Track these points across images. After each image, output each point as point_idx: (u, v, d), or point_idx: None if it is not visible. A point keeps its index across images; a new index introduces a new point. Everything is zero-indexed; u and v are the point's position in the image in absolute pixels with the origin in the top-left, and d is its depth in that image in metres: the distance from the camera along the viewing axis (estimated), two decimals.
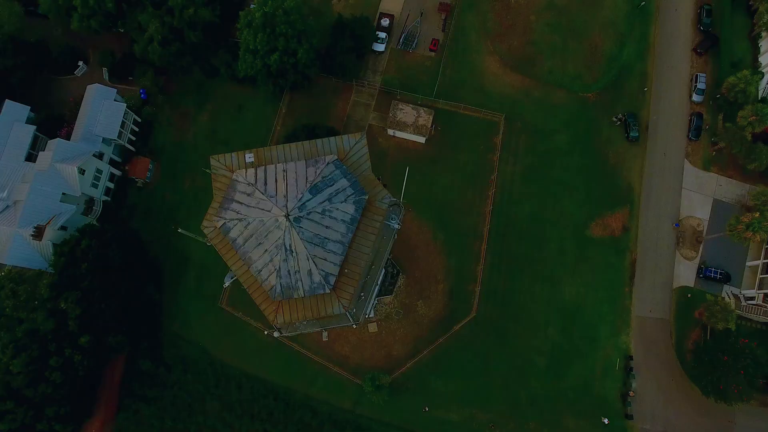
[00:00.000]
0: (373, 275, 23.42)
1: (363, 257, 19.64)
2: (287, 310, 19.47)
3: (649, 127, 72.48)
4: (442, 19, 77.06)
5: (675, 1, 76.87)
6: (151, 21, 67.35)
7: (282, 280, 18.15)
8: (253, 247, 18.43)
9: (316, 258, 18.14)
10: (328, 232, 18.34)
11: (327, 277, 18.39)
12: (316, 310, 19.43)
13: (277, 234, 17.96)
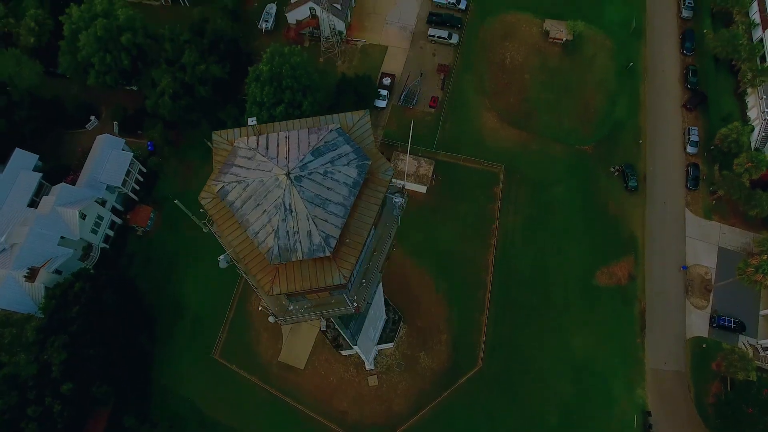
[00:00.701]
0: (375, 262, 22.44)
1: (365, 227, 18.89)
2: (284, 280, 18.37)
3: (647, 177, 73.48)
4: (440, 78, 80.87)
5: (662, 62, 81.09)
6: (163, 76, 70.68)
7: (280, 242, 17.28)
8: (251, 208, 17.78)
9: (317, 219, 17.41)
10: (330, 193, 17.78)
11: (327, 239, 17.53)
12: (315, 279, 18.32)
13: (276, 193, 17.40)
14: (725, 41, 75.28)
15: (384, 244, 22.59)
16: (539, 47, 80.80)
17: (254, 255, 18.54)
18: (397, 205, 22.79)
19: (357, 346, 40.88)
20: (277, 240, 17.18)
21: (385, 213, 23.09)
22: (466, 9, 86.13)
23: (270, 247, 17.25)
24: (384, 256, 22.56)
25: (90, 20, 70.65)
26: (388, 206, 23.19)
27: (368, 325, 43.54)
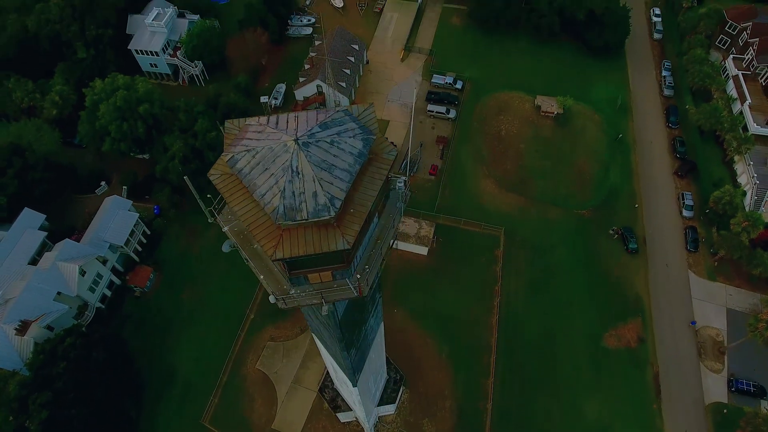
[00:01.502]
0: (378, 249, 22.36)
1: (369, 199, 19.17)
2: (287, 245, 18.27)
3: (646, 240, 73.95)
4: (439, 149, 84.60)
5: (649, 134, 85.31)
6: (175, 142, 74.15)
7: (286, 201, 17.51)
8: (259, 173, 18.22)
9: (323, 181, 17.80)
10: (336, 160, 18.34)
11: (332, 200, 17.77)
12: (318, 244, 18.24)
13: (284, 158, 17.96)
14: (707, 114, 79.86)
15: (387, 234, 22.69)
16: (532, 120, 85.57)
17: (260, 223, 18.70)
18: (399, 191, 23.25)
19: (356, 389, 38.54)
20: (283, 200, 17.48)
21: (388, 205, 23.47)
22: (462, 88, 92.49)
23: (276, 206, 17.50)
24: (387, 245, 22.57)
25: (111, 92, 75.71)
26: (392, 199, 23.64)
27: (368, 370, 41.53)
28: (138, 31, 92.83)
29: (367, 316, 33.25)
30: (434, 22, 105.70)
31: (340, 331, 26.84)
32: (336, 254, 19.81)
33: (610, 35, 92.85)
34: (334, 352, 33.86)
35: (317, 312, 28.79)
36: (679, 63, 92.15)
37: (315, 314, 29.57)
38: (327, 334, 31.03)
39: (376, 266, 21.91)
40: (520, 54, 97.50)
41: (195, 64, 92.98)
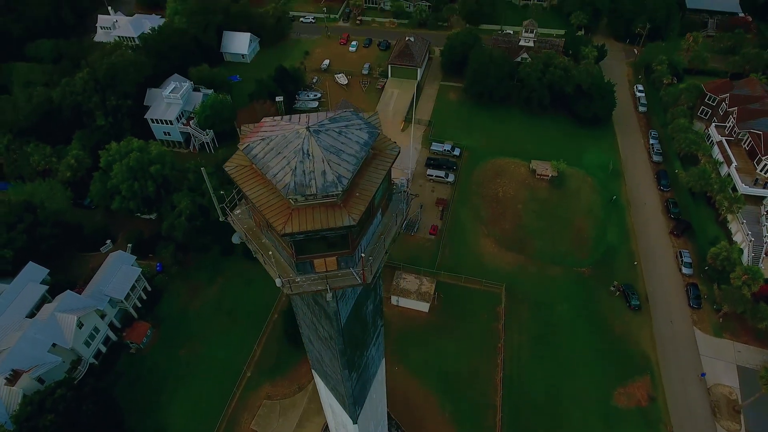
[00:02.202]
0: (381, 243, 23.23)
1: (374, 185, 20.30)
2: (296, 221, 19.22)
3: (648, 297, 73.69)
4: (439, 210, 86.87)
5: (643, 196, 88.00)
6: (183, 199, 76.50)
7: (296, 178, 18.70)
8: (272, 157, 19.53)
9: (331, 162, 19.12)
10: (344, 146, 19.76)
11: (340, 178, 18.98)
12: (326, 220, 19.15)
13: (296, 143, 19.41)
14: (696, 177, 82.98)
15: (390, 231, 23.69)
16: (528, 182, 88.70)
17: (271, 204, 19.84)
18: (401, 188, 24.54)
19: (356, 426, 36.91)
20: (294, 177, 18.79)
21: (391, 206, 24.71)
22: (460, 155, 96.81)
23: (287, 183, 18.78)
24: (390, 240, 23.49)
25: (125, 154, 79.50)
26: (395, 201, 24.94)
27: (369, 409, 40.05)
28: (155, 103, 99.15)
29: (368, 340, 33.07)
30: (432, 98, 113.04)
31: (342, 339, 26.79)
32: (342, 238, 20.74)
33: (597, 107, 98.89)
34: (334, 377, 33.16)
35: (318, 327, 28.95)
36: (664, 132, 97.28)
37: (317, 329, 29.64)
38: (329, 355, 30.74)
39: (379, 257, 22.67)
40: (513, 125, 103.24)
41: (206, 133, 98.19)
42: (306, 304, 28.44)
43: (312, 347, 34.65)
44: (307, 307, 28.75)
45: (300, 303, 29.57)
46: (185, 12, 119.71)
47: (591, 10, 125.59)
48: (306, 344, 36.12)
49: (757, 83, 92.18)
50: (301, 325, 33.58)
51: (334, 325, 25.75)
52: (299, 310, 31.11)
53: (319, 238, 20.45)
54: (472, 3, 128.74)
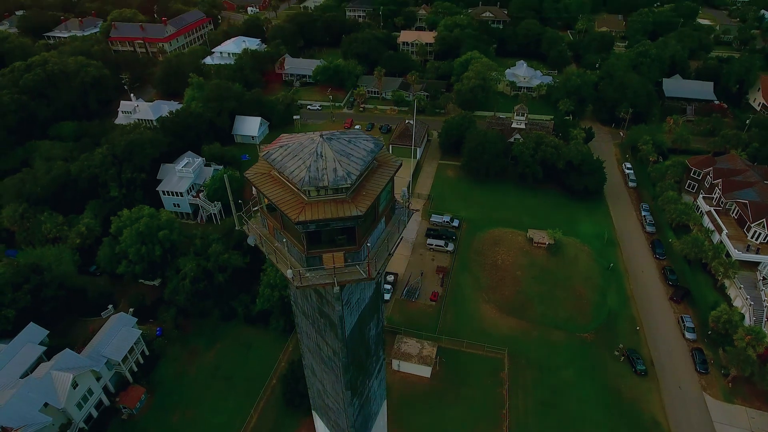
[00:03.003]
0: (385, 246, 24.96)
1: (379, 186, 21.84)
2: (309, 212, 21.10)
3: (654, 362, 72.47)
4: (440, 278, 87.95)
5: (639, 264, 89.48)
6: (188, 263, 78.07)
7: (311, 173, 20.74)
8: (290, 159, 21.61)
9: (342, 161, 21.31)
10: (352, 151, 21.93)
11: (349, 174, 21.04)
12: (335, 211, 21.07)
13: (311, 147, 21.66)
14: (690, 245, 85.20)
15: (393, 237, 25.52)
16: (526, 250, 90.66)
17: (287, 200, 21.91)
18: (404, 197, 26.68)
19: None
20: (308, 172, 21.12)
21: (394, 218, 26.78)
22: (459, 226, 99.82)
23: (302, 177, 21.10)
24: (393, 244, 25.24)
25: (136, 220, 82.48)
26: (397, 213, 27.07)
27: None
28: (167, 176, 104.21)
29: (371, 368, 33.34)
30: (431, 175, 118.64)
31: (346, 350, 27.42)
32: (349, 233, 22.65)
33: (588, 182, 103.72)
34: (336, 406, 32.87)
35: (323, 346, 29.71)
36: (655, 204, 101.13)
37: (320, 350, 30.27)
38: (331, 378, 30.98)
39: (383, 257, 24.32)
40: (509, 198, 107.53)
41: (214, 205, 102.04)
42: (311, 321, 29.50)
43: (314, 379, 34.82)
44: (312, 326, 29.75)
45: (305, 322, 30.59)
46: (202, 98, 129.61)
47: (576, 98, 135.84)
48: (308, 378, 36.28)
49: (737, 158, 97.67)
50: (305, 354, 34.15)
51: (338, 335, 26.65)
52: (304, 334, 31.99)
53: (328, 230, 22.38)
54: (466, 92, 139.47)
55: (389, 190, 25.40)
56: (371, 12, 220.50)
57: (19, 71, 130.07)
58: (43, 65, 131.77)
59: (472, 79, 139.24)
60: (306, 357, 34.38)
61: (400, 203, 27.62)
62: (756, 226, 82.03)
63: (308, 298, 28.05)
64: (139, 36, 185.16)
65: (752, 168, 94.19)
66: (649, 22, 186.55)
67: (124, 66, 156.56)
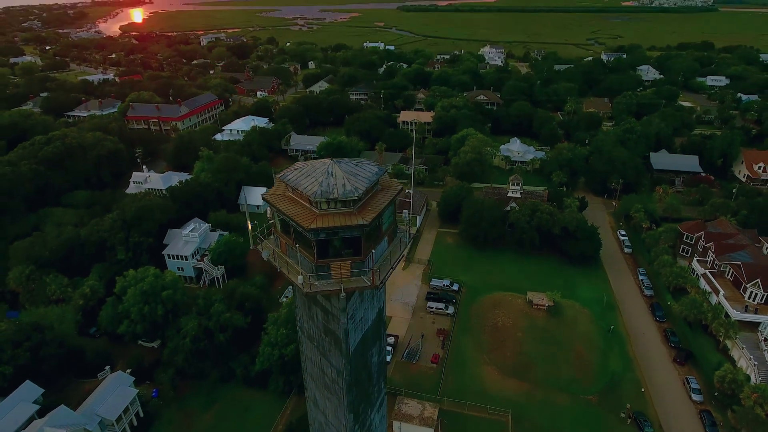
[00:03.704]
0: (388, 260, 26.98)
1: (383, 203, 23.77)
2: (320, 221, 23.35)
3: (662, 425, 70.49)
4: (440, 340, 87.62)
5: (640, 326, 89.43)
6: (190, 321, 78.47)
7: (322, 187, 23.20)
8: (303, 177, 23.83)
9: (350, 179, 23.43)
10: (359, 172, 24.00)
11: (356, 188, 23.20)
12: (343, 221, 23.33)
13: (322, 168, 23.92)
14: (688, 306, 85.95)
15: (395, 255, 27.59)
16: (526, 312, 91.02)
17: (300, 212, 24.27)
18: (406, 221, 29.03)
19: None
20: (320, 186, 23.77)
21: (396, 240, 29.07)
22: (459, 290, 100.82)
23: (315, 190, 23.70)
24: (395, 260, 27.28)
25: (141, 280, 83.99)
26: (398, 236, 29.38)
27: None
28: (173, 241, 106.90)
29: (373, 398, 33.82)
30: (431, 242, 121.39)
31: (350, 368, 28.40)
32: (355, 243, 24.89)
33: (584, 247, 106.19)
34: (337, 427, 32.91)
35: (326, 369, 30.76)
36: (651, 269, 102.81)
37: (324, 374, 31.19)
38: (333, 404, 31.50)
39: (386, 269, 26.28)
40: (507, 264, 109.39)
41: (218, 269, 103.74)
42: (316, 344, 30.81)
43: (316, 411, 35.21)
44: (316, 348, 31.02)
45: (309, 347, 31.83)
46: (211, 170, 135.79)
47: (569, 170, 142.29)
48: (310, 413, 36.61)
49: (727, 223, 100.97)
50: (307, 385, 34.92)
51: (343, 350, 27.92)
52: (308, 360, 33.06)
53: (336, 240, 24.67)
54: (463, 165, 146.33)
55: (392, 212, 28.01)
56: (373, 95, 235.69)
57: (39, 144, 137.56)
58: (62, 139, 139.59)
59: (469, 153, 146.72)
60: (308, 388, 34.95)
61: (402, 229, 30.09)
62: (751, 287, 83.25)
63: (314, 318, 29.58)
64: (154, 115, 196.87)
65: (742, 232, 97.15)
66: (633, 104, 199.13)
67: (138, 141, 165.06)
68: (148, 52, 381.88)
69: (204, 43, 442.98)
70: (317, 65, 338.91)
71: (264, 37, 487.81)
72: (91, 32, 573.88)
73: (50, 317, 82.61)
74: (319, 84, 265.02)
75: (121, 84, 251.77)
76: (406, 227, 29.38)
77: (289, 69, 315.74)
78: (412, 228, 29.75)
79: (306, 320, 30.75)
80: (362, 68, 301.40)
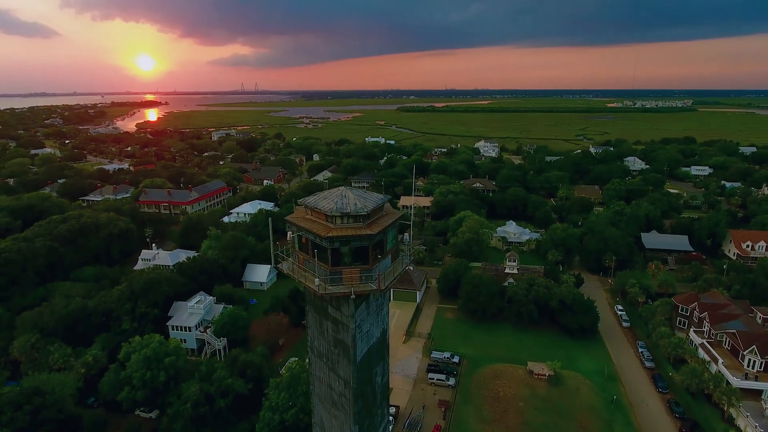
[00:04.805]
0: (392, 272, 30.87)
1: (387, 222, 28.87)
2: (335, 232, 27.64)
3: None
4: (441, 411, 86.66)
5: (643, 397, 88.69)
6: (191, 386, 78.67)
7: (337, 205, 27.66)
8: (321, 200, 28.03)
9: (360, 200, 28.14)
10: (368, 196, 27.44)
11: (366, 206, 27.23)
12: (354, 232, 27.75)
13: (337, 192, 27.35)
14: (689, 375, 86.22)
15: (397, 269, 31.49)
16: (527, 382, 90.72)
17: (318, 227, 28.87)
18: (407, 244, 33.16)
19: None
20: (335, 204, 28.53)
21: (398, 260, 33.18)
22: (460, 362, 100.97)
23: (331, 207, 28.42)
24: (398, 274, 31.14)
25: (145, 346, 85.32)
26: (400, 257, 33.50)
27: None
28: (178, 312, 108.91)
29: (377, 418, 35.66)
30: (431, 317, 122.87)
31: (357, 377, 30.97)
32: (364, 252, 29.08)
33: (582, 320, 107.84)
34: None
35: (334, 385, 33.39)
36: (650, 341, 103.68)
37: (332, 390, 33.63)
38: (340, 419, 33.44)
39: (390, 278, 30.10)
40: (507, 337, 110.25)
41: (220, 340, 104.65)
42: (325, 360, 33.74)
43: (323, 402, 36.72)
44: (326, 365, 33.87)
45: (318, 365, 34.63)
46: (218, 247, 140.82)
47: (564, 249, 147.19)
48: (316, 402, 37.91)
49: (719, 294, 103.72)
50: (315, 407, 37.05)
51: (351, 357, 30.89)
52: (316, 379, 35.64)
53: (348, 250, 28.92)
54: (462, 244, 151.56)
55: (394, 235, 32.47)
56: (374, 183, 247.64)
57: (55, 222, 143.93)
58: (78, 218, 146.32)
59: (466, 233, 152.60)
60: (315, 412, 36.84)
61: (403, 251, 34.35)
62: (749, 354, 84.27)
63: (325, 333, 32.76)
64: (165, 200, 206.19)
65: (734, 302, 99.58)
66: (622, 190, 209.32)
67: (148, 222, 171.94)
68: (161, 145, 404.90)
69: (215, 138, 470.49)
70: (321, 157, 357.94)
71: (272, 133, 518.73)
72: (109, 128, 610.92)
73: (52, 383, 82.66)
74: (323, 173, 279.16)
75: (135, 172, 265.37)
76: (407, 249, 33.66)
77: (295, 160, 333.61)
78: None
79: (317, 337, 33.83)
80: (364, 159, 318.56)
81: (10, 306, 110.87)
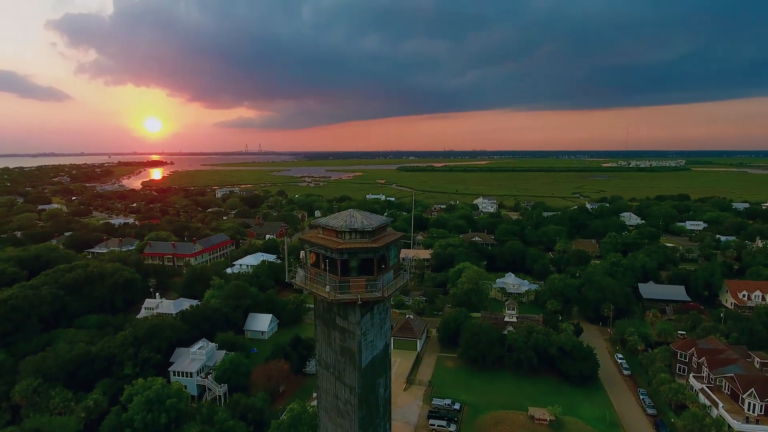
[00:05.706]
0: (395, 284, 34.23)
1: (388, 239, 32.77)
2: (344, 245, 31.46)
3: None
4: None
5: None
6: (193, 428, 78.79)
7: (346, 223, 32.08)
8: (331, 220, 31.81)
9: (366, 219, 31.94)
10: (373, 216, 30.77)
11: (371, 223, 31.48)
12: (361, 244, 31.54)
13: (346, 213, 31.45)
14: (691, 420, 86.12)
15: (399, 283, 34.96)
16: (529, 427, 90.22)
17: (329, 242, 32.66)
18: (408, 261, 36.53)
19: None
20: (344, 222, 32.58)
21: (400, 277, 36.64)
22: (461, 408, 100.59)
23: (340, 224, 32.42)
24: (401, 285, 34.47)
25: (148, 388, 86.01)
26: (400, 275, 36.96)
27: None
28: (180, 358, 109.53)
29: (380, 430, 37.62)
30: (432, 366, 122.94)
31: (362, 382, 33.47)
32: (369, 266, 32.66)
33: (582, 367, 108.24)
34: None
35: (339, 393, 35.89)
36: (651, 388, 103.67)
37: (337, 398, 36.02)
38: (346, 425, 35.50)
39: (392, 289, 33.43)
40: (507, 384, 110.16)
41: (221, 386, 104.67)
42: (332, 370, 36.44)
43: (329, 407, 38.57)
44: (332, 375, 36.52)
45: (325, 375, 37.24)
46: (221, 296, 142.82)
47: (562, 299, 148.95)
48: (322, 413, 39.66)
49: (716, 340, 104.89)
50: (321, 420, 39.15)
51: (356, 363, 33.66)
52: (323, 391, 38.07)
53: (355, 261, 32.56)
54: (461, 294, 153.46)
55: (396, 254, 36.19)
56: None
57: (62, 271, 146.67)
58: (84, 267, 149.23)
59: (466, 284, 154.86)
60: (322, 425, 38.81)
61: (404, 267, 37.88)
62: (748, 397, 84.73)
63: (332, 343, 35.62)
64: (169, 252, 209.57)
65: (731, 347, 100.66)
66: (619, 243, 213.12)
67: (153, 273, 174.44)
68: (166, 201, 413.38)
69: (219, 195, 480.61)
70: (323, 213, 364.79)
71: (274, 191, 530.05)
72: (115, 186, 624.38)
73: (53, 425, 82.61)
74: None
75: (140, 226, 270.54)
76: (407, 267, 37.19)
77: (297, 216, 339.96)
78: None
79: (324, 349, 36.62)
80: None
81: (13, 352, 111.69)
